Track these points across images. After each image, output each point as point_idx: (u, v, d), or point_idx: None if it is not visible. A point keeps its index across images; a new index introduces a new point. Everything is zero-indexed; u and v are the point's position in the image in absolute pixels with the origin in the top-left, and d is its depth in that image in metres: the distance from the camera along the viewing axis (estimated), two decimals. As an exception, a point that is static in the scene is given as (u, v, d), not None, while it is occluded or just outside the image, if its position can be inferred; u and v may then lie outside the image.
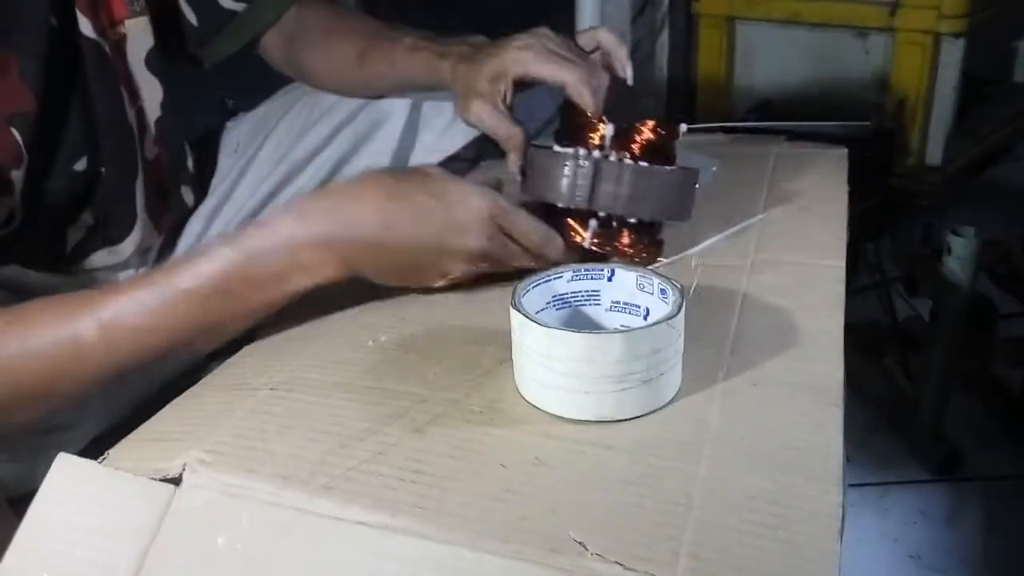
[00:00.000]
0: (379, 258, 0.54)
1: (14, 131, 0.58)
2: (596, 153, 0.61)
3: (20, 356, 0.48)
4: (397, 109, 0.83)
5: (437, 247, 0.55)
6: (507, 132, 0.65)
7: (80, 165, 0.66)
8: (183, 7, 0.77)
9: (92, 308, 0.49)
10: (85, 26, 0.64)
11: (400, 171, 0.58)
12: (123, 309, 0.49)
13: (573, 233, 0.62)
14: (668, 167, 0.62)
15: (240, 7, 0.79)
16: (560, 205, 0.63)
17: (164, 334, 0.50)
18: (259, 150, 0.85)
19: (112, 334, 0.49)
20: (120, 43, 0.69)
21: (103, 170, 0.69)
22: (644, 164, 0.61)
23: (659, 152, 0.62)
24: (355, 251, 0.53)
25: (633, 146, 0.61)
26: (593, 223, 0.62)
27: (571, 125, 0.64)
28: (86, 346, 0.48)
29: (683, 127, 0.63)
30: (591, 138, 0.62)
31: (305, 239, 0.52)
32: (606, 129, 0.61)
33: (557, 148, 0.63)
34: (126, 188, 0.71)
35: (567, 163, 0.61)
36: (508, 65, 0.66)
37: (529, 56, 0.65)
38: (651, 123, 0.62)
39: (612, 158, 0.61)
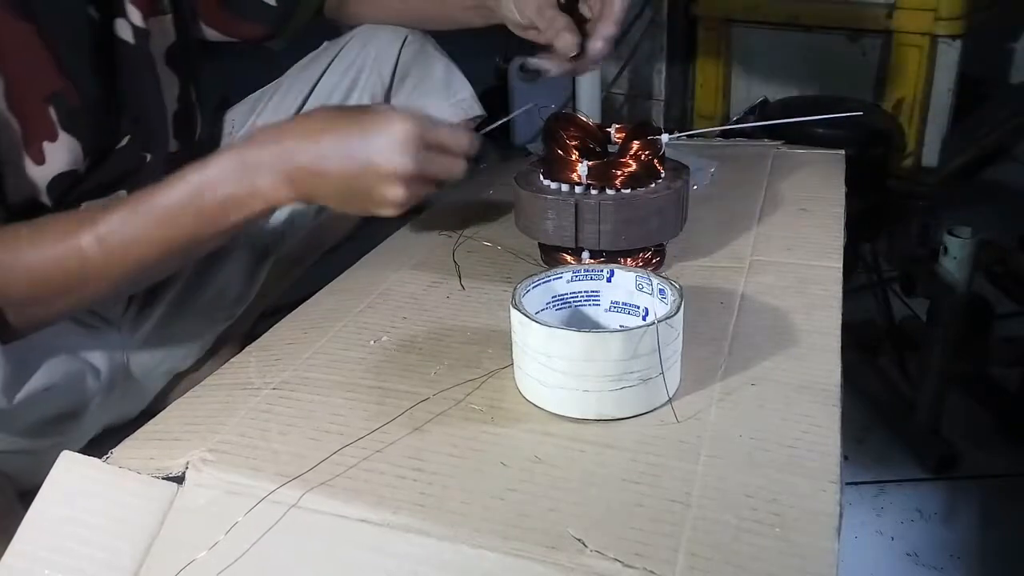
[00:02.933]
0: (321, 185, 0.57)
1: (51, 109, 0.63)
2: (577, 190, 0.61)
3: (36, 262, 0.55)
4: (385, 80, 0.85)
5: (368, 172, 0.56)
6: (556, 32, 0.67)
7: (123, 142, 0.71)
8: None
9: (92, 224, 0.55)
10: (134, 15, 0.68)
11: (346, 105, 0.59)
12: (116, 225, 0.55)
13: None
14: (649, 193, 0.61)
15: None
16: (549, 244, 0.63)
17: (152, 245, 0.56)
18: (253, 128, 0.86)
19: (108, 246, 0.55)
20: (145, 37, 0.71)
21: (147, 156, 0.73)
22: (625, 193, 0.60)
23: (644, 174, 0.61)
24: (301, 178, 0.56)
25: (615, 179, 0.61)
26: (585, 255, 0.62)
27: (551, 157, 0.63)
28: (88, 256, 0.55)
29: (665, 137, 0.62)
30: (571, 176, 0.61)
31: (257, 166, 0.56)
32: (581, 169, 0.60)
33: (541, 182, 0.63)
34: (156, 177, 0.73)
35: (550, 207, 0.61)
36: None
37: None
38: (633, 146, 0.61)
39: (593, 193, 0.61)
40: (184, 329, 0.84)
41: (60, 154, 0.64)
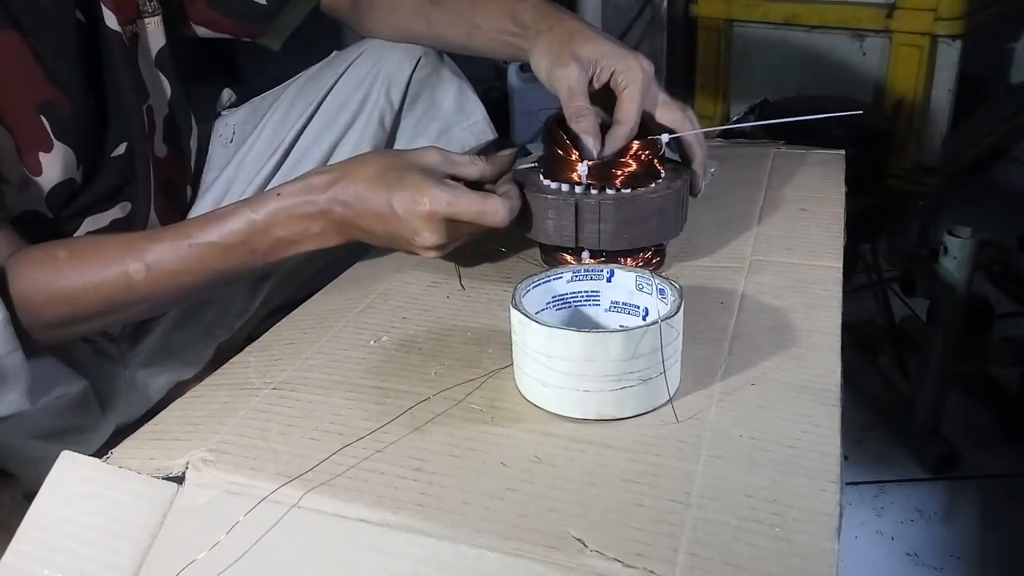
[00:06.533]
0: (365, 237, 0.59)
1: (43, 119, 0.63)
2: (577, 190, 0.61)
3: (80, 287, 0.56)
4: (395, 101, 0.84)
5: (401, 239, 0.58)
6: (580, 121, 0.62)
7: (119, 151, 0.71)
8: None
9: (139, 252, 0.57)
10: (110, 19, 0.67)
11: (392, 158, 0.59)
12: (165, 255, 0.57)
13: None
14: (649, 193, 0.61)
15: None
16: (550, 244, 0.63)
17: (197, 277, 0.58)
18: (256, 141, 0.86)
19: (155, 275, 0.57)
20: (133, 40, 0.70)
21: (136, 161, 0.72)
22: (625, 193, 0.60)
23: (644, 174, 0.61)
24: (346, 230, 0.58)
25: (615, 179, 0.60)
26: (585, 255, 0.62)
27: (551, 157, 0.63)
28: (135, 283, 0.57)
29: (665, 137, 0.62)
30: (571, 176, 0.61)
31: (308, 214, 0.57)
32: (581, 168, 0.60)
33: (541, 182, 0.63)
34: (146, 183, 0.73)
35: (550, 207, 0.61)
36: (616, 66, 0.62)
37: (640, 78, 0.62)
38: (633, 146, 0.61)
39: (593, 192, 0.61)
40: (185, 344, 0.84)
41: (56, 164, 0.64)
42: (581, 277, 0.54)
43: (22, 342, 0.54)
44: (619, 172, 0.61)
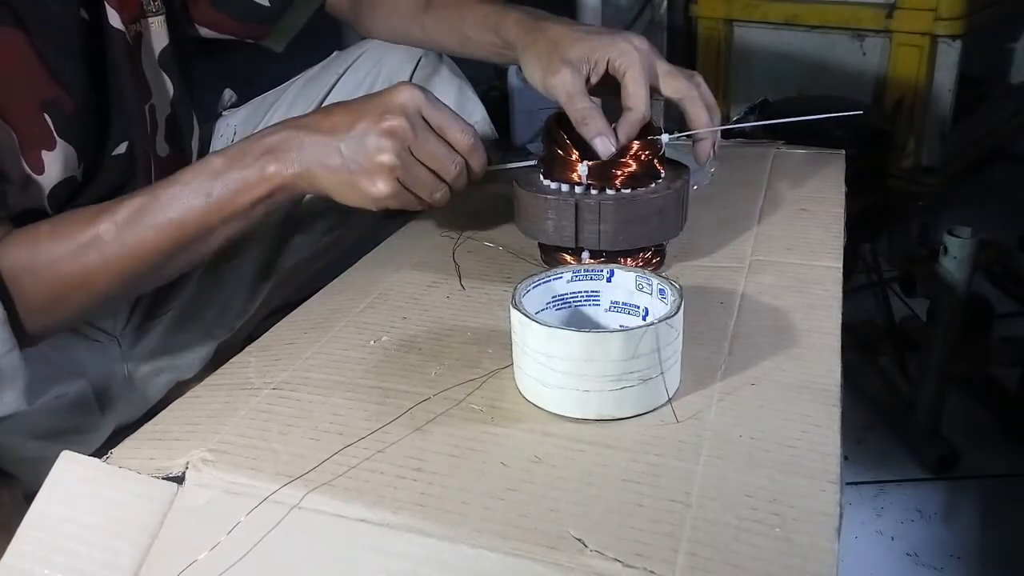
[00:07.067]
0: (318, 150, 0.57)
1: (46, 117, 0.63)
2: (577, 190, 0.61)
3: (59, 257, 0.56)
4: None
5: (361, 124, 0.56)
6: (585, 121, 0.61)
7: (120, 150, 0.71)
8: None
9: (111, 213, 0.56)
10: (114, 18, 0.68)
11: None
12: (134, 212, 0.56)
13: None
14: (649, 193, 0.61)
15: None
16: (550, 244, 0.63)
17: (163, 232, 0.57)
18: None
19: (127, 234, 0.56)
20: (136, 40, 0.70)
21: (137, 160, 0.72)
22: (625, 193, 0.60)
23: (644, 174, 0.61)
24: (304, 151, 0.57)
25: (615, 179, 0.60)
26: (585, 255, 0.62)
27: (551, 157, 0.63)
28: (107, 246, 0.56)
29: (665, 137, 0.62)
30: (571, 176, 0.61)
31: (263, 148, 0.57)
32: (581, 168, 0.60)
33: (541, 182, 0.63)
34: (146, 182, 0.73)
35: (550, 207, 0.61)
36: (609, 54, 0.62)
37: (636, 58, 0.61)
38: (634, 146, 0.61)
39: (593, 192, 0.61)
40: (185, 343, 0.84)
41: (58, 162, 0.64)
42: (581, 277, 0.54)
43: (19, 341, 0.54)
44: (619, 172, 0.61)
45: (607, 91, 0.64)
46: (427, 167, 0.58)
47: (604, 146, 0.60)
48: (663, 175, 0.63)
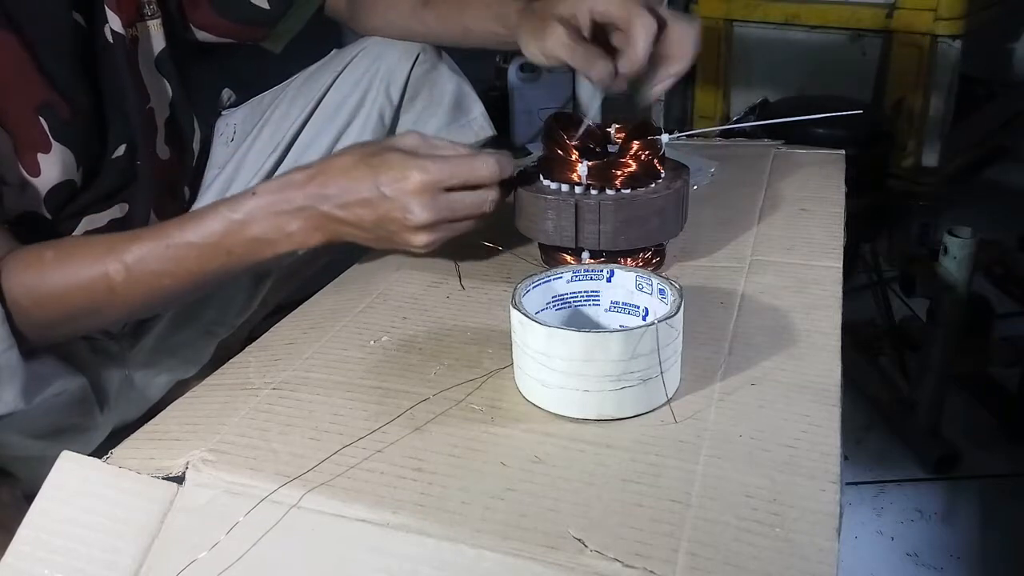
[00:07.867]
0: (348, 232, 0.58)
1: (42, 120, 0.63)
2: (577, 190, 0.61)
3: (64, 289, 0.56)
4: (394, 96, 0.84)
5: (387, 223, 0.56)
6: (589, 63, 0.61)
7: (119, 153, 0.71)
8: None
9: (120, 252, 0.56)
10: (114, 22, 0.68)
11: (369, 146, 0.58)
12: (143, 255, 0.57)
13: None
14: (649, 193, 0.61)
15: None
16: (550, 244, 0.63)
17: (175, 278, 0.57)
18: (256, 139, 0.86)
19: (135, 276, 0.56)
20: (134, 43, 0.71)
21: (139, 163, 0.72)
22: (625, 193, 0.60)
23: (644, 174, 0.61)
24: (327, 225, 0.57)
25: (615, 179, 0.60)
26: (585, 255, 0.62)
27: (551, 157, 0.63)
28: (116, 284, 0.56)
29: (665, 137, 0.62)
30: (571, 176, 0.61)
31: (287, 211, 0.56)
32: (580, 169, 0.60)
33: (541, 182, 0.63)
34: (147, 184, 0.73)
35: (550, 207, 0.61)
36: (592, 5, 0.62)
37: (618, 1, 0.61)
38: (633, 146, 0.61)
39: (593, 193, 0.61)
40: (185, 343, 0.84)
41: (54, 165, 0.64)
42: (581, 277, 0.54)
43: (17, 341, 0.54)
44: (619, 172, 0.61)
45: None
46: (465, 219, 0.58)
47: (601, 71, 0.60)
48: (663, 175, 0.63)
